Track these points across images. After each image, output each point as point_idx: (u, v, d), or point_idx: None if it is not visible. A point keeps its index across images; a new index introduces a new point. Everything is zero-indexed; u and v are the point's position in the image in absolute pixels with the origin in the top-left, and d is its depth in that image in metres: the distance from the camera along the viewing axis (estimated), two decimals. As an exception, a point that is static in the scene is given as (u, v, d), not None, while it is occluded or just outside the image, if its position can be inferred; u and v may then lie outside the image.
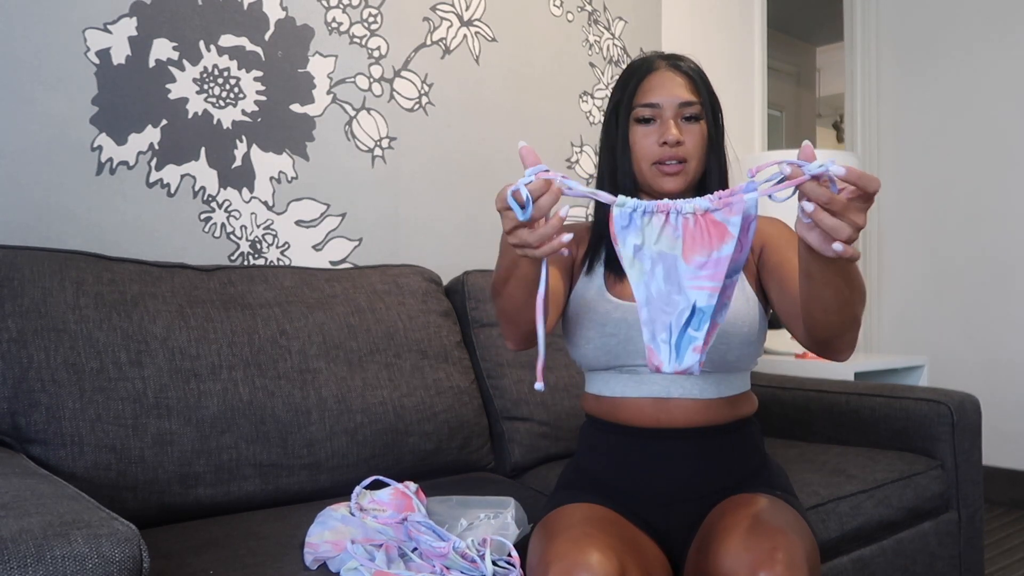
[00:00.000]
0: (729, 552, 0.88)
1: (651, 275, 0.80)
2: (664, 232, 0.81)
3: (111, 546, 0.70)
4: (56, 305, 1.22)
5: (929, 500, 1.63)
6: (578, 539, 0.88)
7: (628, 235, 0.81)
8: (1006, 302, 2.98)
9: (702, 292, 0.79)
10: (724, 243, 0.78)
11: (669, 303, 0.80)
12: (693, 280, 0.79)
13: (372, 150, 1.85)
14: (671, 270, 0.80)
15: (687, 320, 0.80)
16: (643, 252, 0.81)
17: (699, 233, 0.79)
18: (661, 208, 0.81)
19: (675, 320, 0.80)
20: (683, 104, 1.11)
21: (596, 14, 2.31)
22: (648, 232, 0.81)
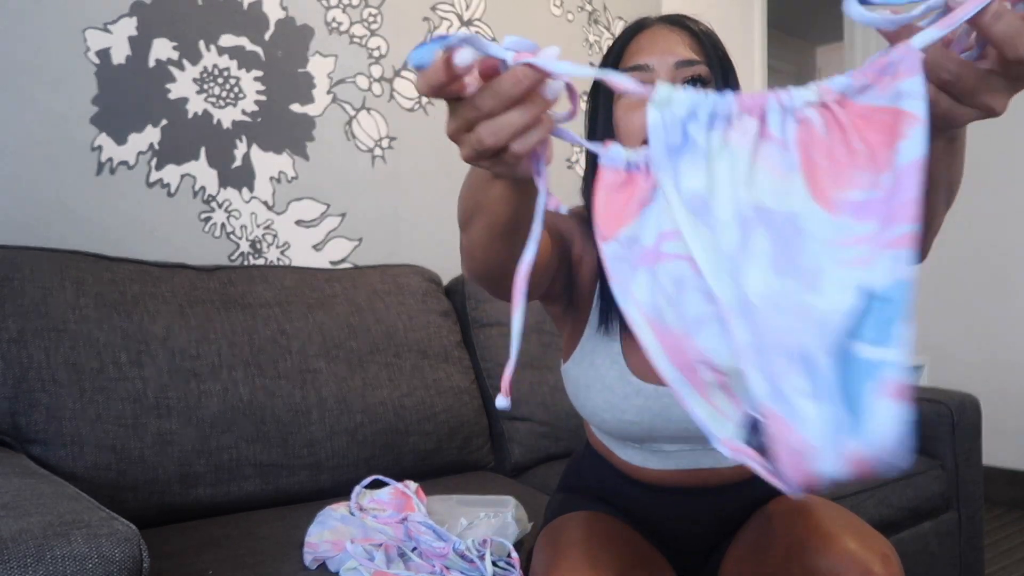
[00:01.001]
0: (834, 557, 0.77)
1: (741, 259, 0.40)
2: (761, 157, 0.40)
3: (111, 546, 0.70)
4: (56, 305, 1.22)
5: (929, 500, 1.63)
6: (584, 562, 0.80)
7: (679, 166, 0.41)
8: (1006, 302, 2.98)
9: (880, 258, 0.37)
10: (902, 138, 0.38)
11: (795, 313, 0.38)
12: (851, 246, 0.38)
13: (372, 150, 1.85)
14: (787, 241, 0.39)
15: (852, 329, 0.38)
16: (712, 208, 0.40)
17: (841, 143, 0.40)
18: (747, 106, 0.41)
19: (817, 341, 0.38)
20: (681, 64, 0.83)
21: (596, 14, 2.31)
22: (721, 162, 0.40)
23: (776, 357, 0.38)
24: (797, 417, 0.37)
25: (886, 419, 0.35)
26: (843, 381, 0.37)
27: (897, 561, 0.78)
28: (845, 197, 0.39)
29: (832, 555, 0.77)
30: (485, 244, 0.64)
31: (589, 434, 1.03)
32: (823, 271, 0.38)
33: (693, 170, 0.41)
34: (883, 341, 0.37)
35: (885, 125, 0.39)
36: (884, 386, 0.36)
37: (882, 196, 0.38)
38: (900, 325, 0.36)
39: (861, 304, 0.37)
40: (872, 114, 0.40)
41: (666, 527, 0.95)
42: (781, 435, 0.37)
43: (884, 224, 0.37)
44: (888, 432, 0.35)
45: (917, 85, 0.39)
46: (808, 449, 0.36)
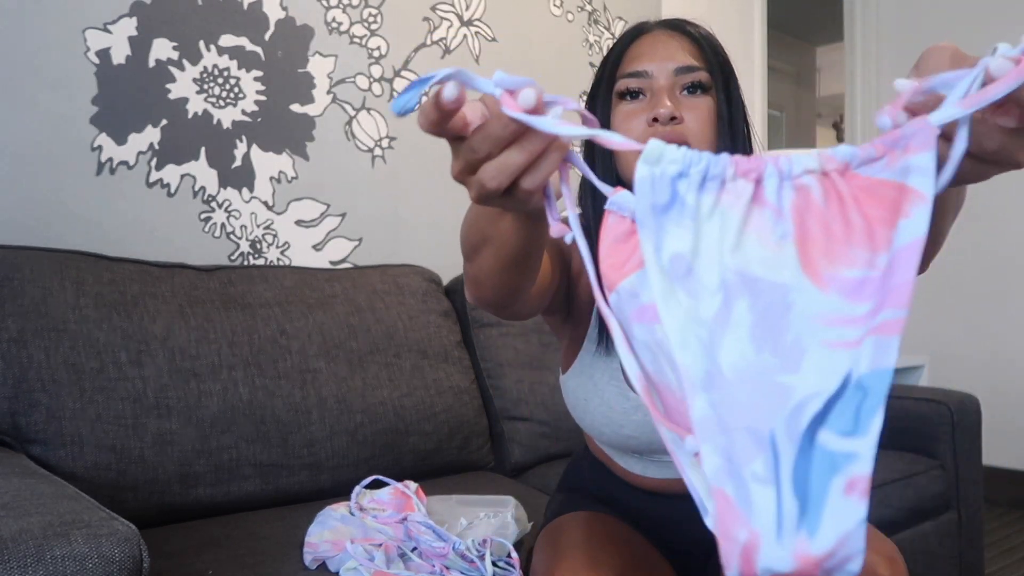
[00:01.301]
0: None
1: (719, 327, 0.37)
2: (753, 222, 0.38)
3: (111, 546, 0.70)
4: (56, 305, 1.22)
5: (929, 500, 1.63)
6: (584, 563, 0.79)
7: (664, 226, 0.39)
8: (1006, 302, 2.98)
9: (864, 344, 0.35)
10: (904, 217, 0.36)
11: (767, 391, 0.36)
12: (838, 327, 0.36)
13: (372, 150, 1.85)
14: (771, 314, 0.37)
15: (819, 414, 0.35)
16: (696, 272, 0.38)
17: (839, 216, 0.37)
18: (743, 168, 0.39)
19: (784, 425, 0.35)
20: (681, 70, 0.83)
21: (596, 14, 2.31)
22: (710, 225, 0.38)
23: (738, 436, 0.35)
24: (749, 504, 0.34)
25: (844, 518, 0.33)
26: (803, 471, 0.34)
27: (903, 564, 0.77)
28: (837, 274, 0.36)
29: None
30: (494, 274, 0.63)
31: (588, 440, 1.03)
32: (805, 350, 0.36)
33: (679, 231, 0.38)
34: (855, 432, 0.34)
35: (888, 200, 0.37)
36: (847, 482, 0.33)
37: (877, 277, 0.36)
38: (875, 417, 0.34)
39: (837, 391, 0.35)
40: (876, 187, 0.37)
41: (666, 529, 0.95)
42: (727, 520, 0.34)
43: (877, 306, 0.35)
44: (844, 531, 0.32)
45: (928, 161, 0.36)
46: (755, 540, 0.33)
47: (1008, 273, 2.98)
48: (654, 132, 0.81)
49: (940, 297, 3.15)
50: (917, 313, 3.23)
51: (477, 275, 0.66)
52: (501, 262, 0.61)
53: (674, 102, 0.81)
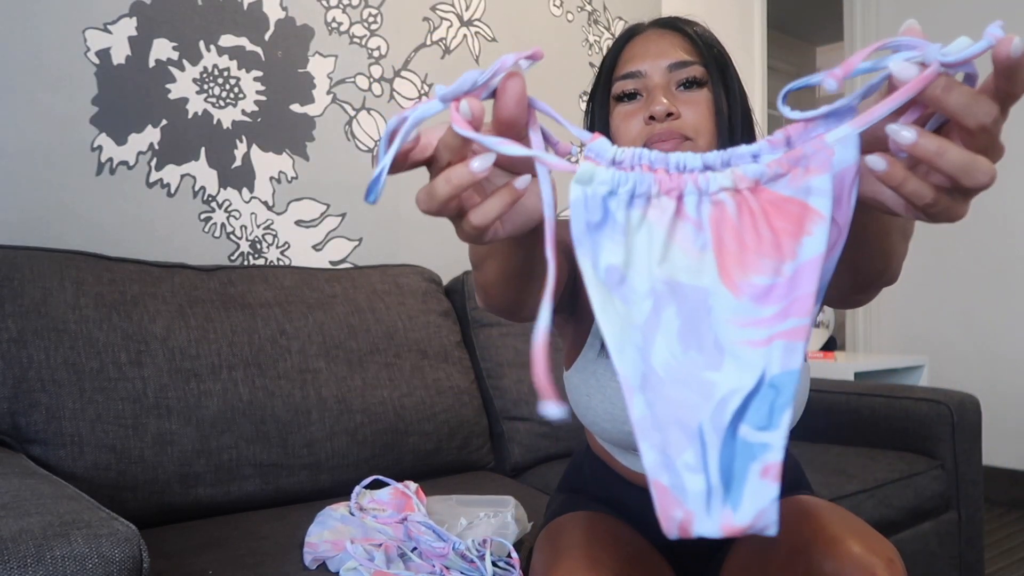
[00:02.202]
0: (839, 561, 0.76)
1: (650, 330, 0.41)
2: (676, 235, 0.42)
3: (111, 546, 0.70)
4: (56, 305, 1.22)
5: (929, 500, 1.63)
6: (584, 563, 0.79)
7: (599, 241, 0.42)
8: (1006, 302, 2.98)
9: (773, 346, 0.39)
10: (806, 235, 0.40)
11: (695, 387, 0.40)
12: (750, 328, 0.40)
13: (372, 150, 1.85)
14: (695, 317, 0.41)
15: (739, 410, 0.39)
16: (629, 281, 0.41)
17: (750, 228, 0.41)
18: (666, 186, 0.42)
19: (710, 418, 0.39)
20: (674, 66, 0.83)
21: (596, 14, 2.31)
22: (639, 238, 0.42)
23: (671, 430, 0.40)
24: (683, 490, 0.39)
25: (760, 497, 0.38)
26: (727, 459, 0.39)
27: (902, 565, 0.77)
28: (748, 280, 0.40)
29: (836, 559, 0.76)
30: (499, 284, 0.64)
31: (589, 438, 1.03)
32: (725, 349, 0.40)
33: (612, 245, 0.41)
34: (768, 426, 0.39)
35: (793, 216, 0.40)
36: (762, 468, 0.39)
37: (783, 283, 0.40)
38: (785, 412, 0.39)
39: (753, 388, 0.39)
40: (782, 203, 0.41)
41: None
42: (665, 505, 0.39)
43: (783, 312, 0.40)
44: (760, 508, 0.38)
45: (826, 183, 0.40)
46: (689, 517, 0.39)
47: (1008, 273, 2.98)
48: (652, 130, 0.81)
49: (940, 297, 3.15)
50: (917, 313, 3.23)
51: (485, 285, 0.67)
52: (505, 275, 0.63)
53: (670, 99, 0.82)
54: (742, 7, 2.83)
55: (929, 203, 0.42)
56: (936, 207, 0.42)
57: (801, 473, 1.06)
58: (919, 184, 0.41)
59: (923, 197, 0.41)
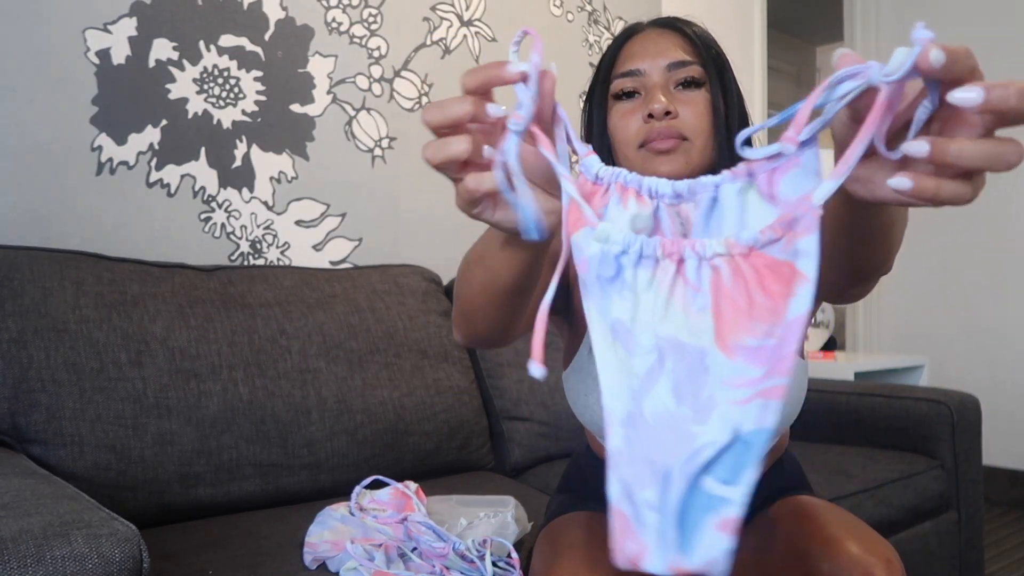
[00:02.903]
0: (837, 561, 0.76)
1: (650, 382, 0.43)
2: (677, 296, 0.44)
3: (111, 546, 0.70)
4: (56, 305, 1.22)
5: (929, 500, 1.63)
6: (583, 563, 0.79)
7: (608, 296, 0.45)
8: (1006, 302, 2.98)
9: (750, 406, 0.41)
10: (793, 296, 0.41)
11: (677, 435, 0.42)
12: (737, 389, 0.41)
13: (372, 150, 1.85)
14: (693, 374, 0.43)
15: (709, 463, 0.41)
16: (634, 335, 0.44)
17: (743, 293, 0.43)
18: (668, 250, 0.44)
19: (681, 465, 0.41)
20: (673, 65, 0.83)
21: (596, 14, 2.31)
22: (647, 296, 0.44)
23: (640, 466, 0.42)
24: (641, 523, 0.42)
25: (712, 548, 0.40)
26: (687, 506, 0.41)
27: (900, 566, 0.77)
28: (741, 343, 0.42)
29: (835, 559, 0.76)
30: (488, 308, 0.65)
31: (589, 438, 1.03)
32: (716, 406, 0.42)
33: (621, 301, 0.44)
34: (732, 481, 0.40)
35: (784, 278, 0.42)
36: (720, 520, 0.40)
37: (772, 345, 0.41)
38: (752, 470, 0.40)
39: (727, 443, 0.40)
40: (777, 266, 0.42)
41: None
42: (622, 533, 0.42)
43: (766, 373, 0.41)
44: (711, 558, 0.40)
45: (812, 244, 0.41)
46: (642, 550, 0.41)
47: (1008, 273, 2.98)
48: (650, 128, 0.82)
49: (940, 297, 3.15)
50: (917, 313, 3.23)
51: (469, 311, 0.68)
52: (495, 295, 0.64)
53: (668, 97, 0.82)
54: (742, 7, 2.83)
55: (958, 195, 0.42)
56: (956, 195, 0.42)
57: (801, 473, 1.06)
58: (952, 185, 0.41)
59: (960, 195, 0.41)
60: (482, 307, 0.66)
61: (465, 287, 0.68)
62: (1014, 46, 2.96)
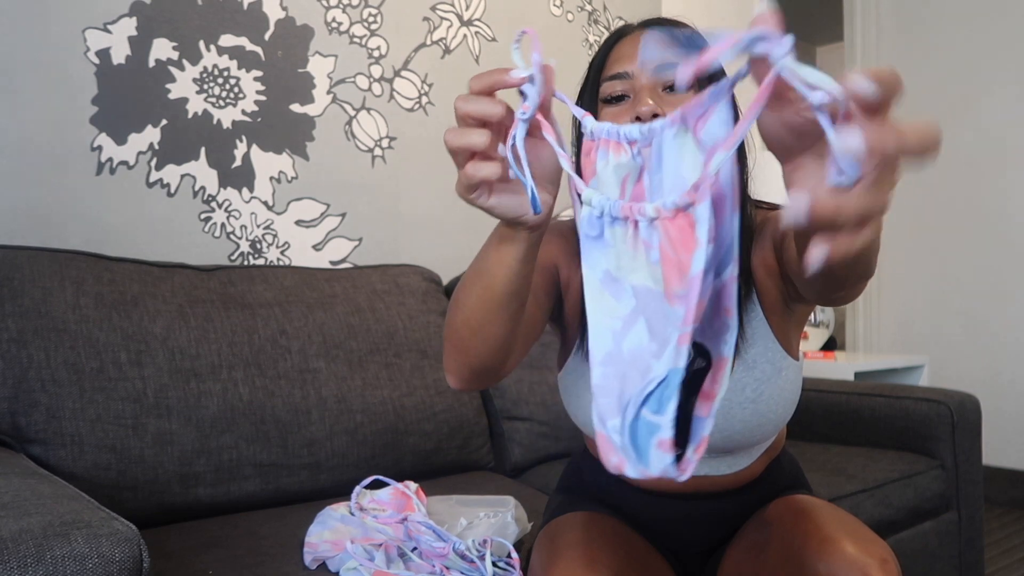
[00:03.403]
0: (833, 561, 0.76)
1: (630, 321, 0.51)
2: (638, 250, 0.52)
3: (111, 546, 0.70)
4: (56, 305, 1.22)
5: (929, 500, 1.63)
6: (582, 563, 0.80)
7: (596, 251, 0.53)
8: (1006, 302, 2.98)
9: (669, 349, 0.48)
10: (694, 256, 0.47)
11: (640, 369, 0.50)
12: (680, 327, 0.48)
13: (372, 150, 1.85)
14: (660, 315, 0.50)
15: (647, 397, 0.49)
16: (619, 281, 0.52)
17: (672, 249, 0.50)
18: (625, 213, 0.52)
19: (634, 398, 0.50)
20: (661, 67, 0.85)
21: (596, 14, 2.31)
22: (623, 250, 0.52)
23: (611, 400, 0.51)
24: (614, 443, 0.51)
25: (661, 461, 0.49)
26: (632, 429, 0.50)
27: (896, 565, 0.77)
28: (675, 292, 0.49)
29: (830, 559, 0.77)
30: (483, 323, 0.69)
31: (587, 439, 1.03)
32: (669, 344, 0.49)
33: (604, 254, 0.53)
34: (659, 411, 0.49)
35: (692, 239, 0.47)
36: (658, 441, 0.49)
37: (683, 294, 0.48)
38: (672, 402, 0.48)
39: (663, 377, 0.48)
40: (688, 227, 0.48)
41: (664, 529, 0.95)
42: (605, 450, 0.51)
43: (687, 318, 0.47)
44: (663, 467, 0.49)
45: (704, 211, 0.46)
46: (621, 463, 0.50)
47: (1008, 273, 2.98)
48: None
49: (940, 297, 3.15)
50: (917, 313, 3.23)
51: (466, 336, 0.72)
52: (490, 303, 0.68)
53: (656, 100, 0.83)
54: (742, 7, 2.83)
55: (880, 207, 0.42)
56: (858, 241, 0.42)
57: (799, 473, 1.06)
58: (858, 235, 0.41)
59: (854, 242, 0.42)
60: (479, 325, 0.70)
61: (459, 313, 0.71)
62: (1013, 46, 2.97)
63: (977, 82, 3.05)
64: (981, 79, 3.04)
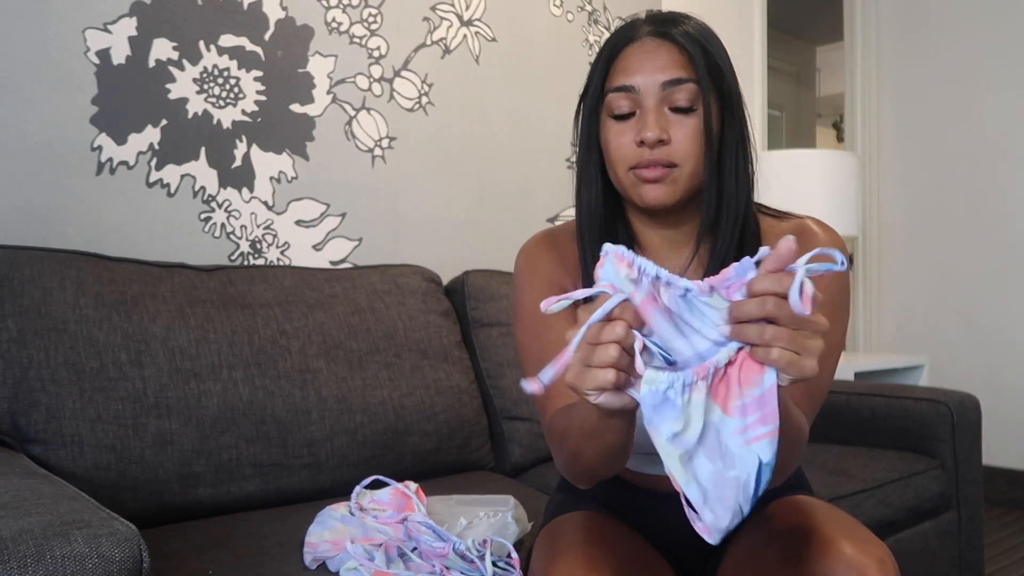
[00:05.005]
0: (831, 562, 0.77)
1: (696, 466, 0.61)
2: (708, 401, 0.61)
3: (111, 546, 0.70)
4: (56, 305, 1.22)
5: (929, 500, 1.63)
6: (582, 563, 0.80)
7: (663, 419, 0.61)
8: (1006, 302, 2.98)
9: (762, 443, 0.59)
10: (765, 372, 0.59)
11: (727, 484, 0.60)
12: (747, 432, 0.59)
13: (372, 150, 1.85)
14: (714, 441, 0.60)
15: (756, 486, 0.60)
16: (685, 438, 0.60)
17: (735, 378, 0.61)
18: (701, 374, 0.60)
19: (743, 497, 0.60)
20: (668, 84, 0.84)
21: (596, 14, 2.31)
22: (693, 410, 0.61)
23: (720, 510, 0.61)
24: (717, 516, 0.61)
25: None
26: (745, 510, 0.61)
27: (894, 566, 0.77)
28: (735, 403, 0.60)
29: (829, 560, 0.77)
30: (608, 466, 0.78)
31: None
32: (733, 453, 0.60)
33: (672, 420, 0.60)
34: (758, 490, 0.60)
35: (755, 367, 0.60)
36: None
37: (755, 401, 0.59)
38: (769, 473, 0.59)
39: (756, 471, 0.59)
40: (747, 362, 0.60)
41: (664, 529, 0.95)
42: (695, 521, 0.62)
43: (760, 419, 0.59)
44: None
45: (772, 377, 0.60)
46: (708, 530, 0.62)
47: (1008, 273, 2.98)
48: (641, 155, 0.85)
49: (940, 297, 3.15)
50: (917, 313, 3.23)
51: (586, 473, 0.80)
52: (612, 457, 0.75)
53: (662, 121, 0.84)
54: (742, 6, 2.83)
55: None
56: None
57: (800, 473, 1.06)
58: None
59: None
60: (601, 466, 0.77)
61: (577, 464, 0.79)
62: (1014, 46, 2.96)
63: (977, 82, 3.05)
64: (981, 79, 3.04)
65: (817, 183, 2.37)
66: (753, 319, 0.58)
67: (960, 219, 3.10)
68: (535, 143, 2.14)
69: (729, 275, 0.60)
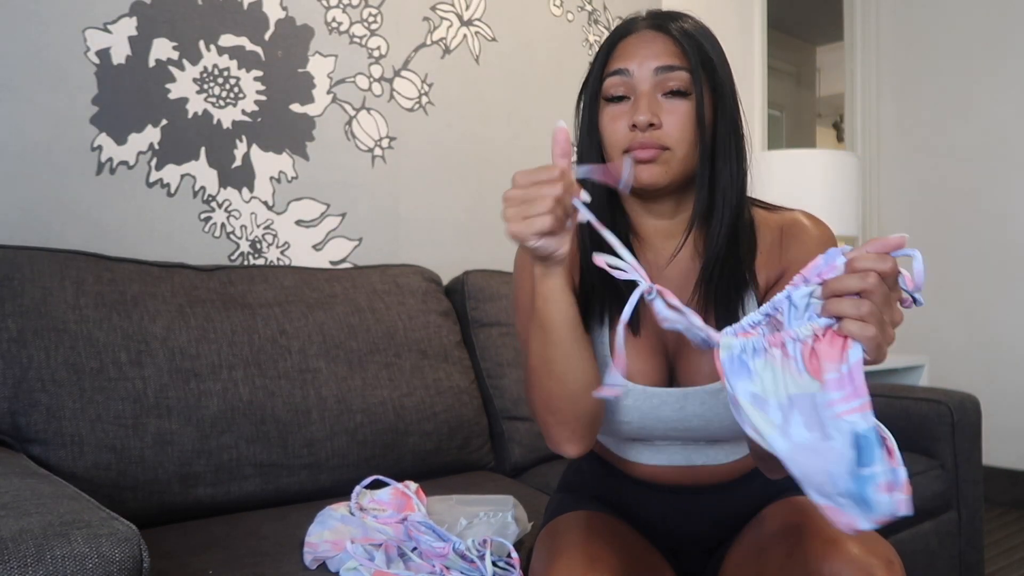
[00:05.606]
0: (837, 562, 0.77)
1: (786, 425, 0.64)
2: (787, 369, 0.64)
3: (111, 546, 0.70)
4: (56, 305, 1.22)
5: (929, 500, 1.63)
6: (582, 562, 0.80)
7: (740, 381, 0.66)
8: (1006, 302, 2.98)
9: (853, 416, 0.61)
10: (850, 349, 0.62)
11: (822, 453, 0.62)
12: (837, 406, 0.61)
13: (372, 150, 1.85)
14: (810, 411, 0.63)
15: (852, 460, 0.61)
16: (768, 402, 0.64)
17: (824, 351, 0.64)
18: (772, 342, 0.65)
19: (844, 472, 0.61)
20: (660, 70, 0.85)
21: (596, 14, 2.31)
22: (767, 376, 0.65)
23: (822, 478, 0.62)
24: (841, 506, 0.62)
25: (887, 505, 0.60)
26: (861, 491, 0.61)
27: (901, 567, 0.77)
28: (828, 377, 0.62)
29: (835, 560, 0.77)
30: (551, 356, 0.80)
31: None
32: (826, 424, 0.62)
33: (747, 382, 0.65)
34: (870, 461, 0.60)
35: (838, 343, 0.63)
36: (877, 486, 0.60)
37: (845, 377, 0.62)
38: (878, 450, 0.60)
39: (855, 446, 0.60)
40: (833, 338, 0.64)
41: (665, 527, 0.95)
42: (836, 515, 0.62)
43: (850, 394, 0.61)
44: (891, 511, 0.60)
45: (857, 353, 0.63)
46: (853, 519, 0.61)
47: (1008, 274, 2.98)
48: (634, 137, 0.86)
49: (940, 297, 3.15)
50: (917, 313, 3.22)
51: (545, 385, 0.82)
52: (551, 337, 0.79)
53: (655, 107, 0.85)
54: (742, 6, 2.83)
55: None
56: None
57: None
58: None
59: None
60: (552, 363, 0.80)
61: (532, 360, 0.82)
62: (1014, 46, 2.96)
63: (977, 82, 3.05)
64: (981, 79, 3.04)
65: (817, 183, 2.37)
66: (851, 292, 0.60)
67: (960, 219, 3.10)
68: (535, 143, 2.14)
69: (818, 263, 0.64)
